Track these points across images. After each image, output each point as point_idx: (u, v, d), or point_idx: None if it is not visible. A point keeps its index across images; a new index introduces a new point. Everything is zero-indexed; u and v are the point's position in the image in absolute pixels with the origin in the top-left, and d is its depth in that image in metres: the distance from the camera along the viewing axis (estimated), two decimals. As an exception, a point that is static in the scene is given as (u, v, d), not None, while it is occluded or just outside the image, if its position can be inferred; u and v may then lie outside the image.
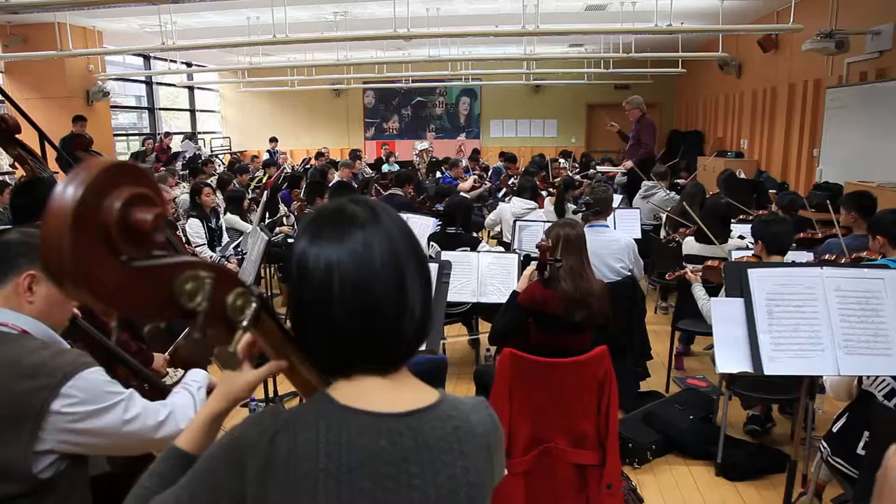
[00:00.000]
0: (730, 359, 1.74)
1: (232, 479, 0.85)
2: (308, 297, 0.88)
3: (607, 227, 3.83)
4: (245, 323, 0.84)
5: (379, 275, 0.87)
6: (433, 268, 2.18)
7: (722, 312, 1.77)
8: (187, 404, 1.58)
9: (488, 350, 3.98)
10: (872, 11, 6.13)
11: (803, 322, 1.75)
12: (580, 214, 4.04)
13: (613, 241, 3.74)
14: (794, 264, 2.28)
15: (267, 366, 0.98)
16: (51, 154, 3.80)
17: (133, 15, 8.38)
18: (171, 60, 11.09)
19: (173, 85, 12.86)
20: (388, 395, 0.91)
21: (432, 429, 0.89)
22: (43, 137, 3.98)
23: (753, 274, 1.77)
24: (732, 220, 4.63)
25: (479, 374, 3.14)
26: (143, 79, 12.21)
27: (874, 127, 6.07)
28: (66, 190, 0.66)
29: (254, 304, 0.85)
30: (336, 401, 0.88)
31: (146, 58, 12.02)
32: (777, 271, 1.79)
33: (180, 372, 2.42)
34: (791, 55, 7.83)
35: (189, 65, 12.99)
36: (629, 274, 3.73)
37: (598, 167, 8.91)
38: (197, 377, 1.67)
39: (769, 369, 1.74)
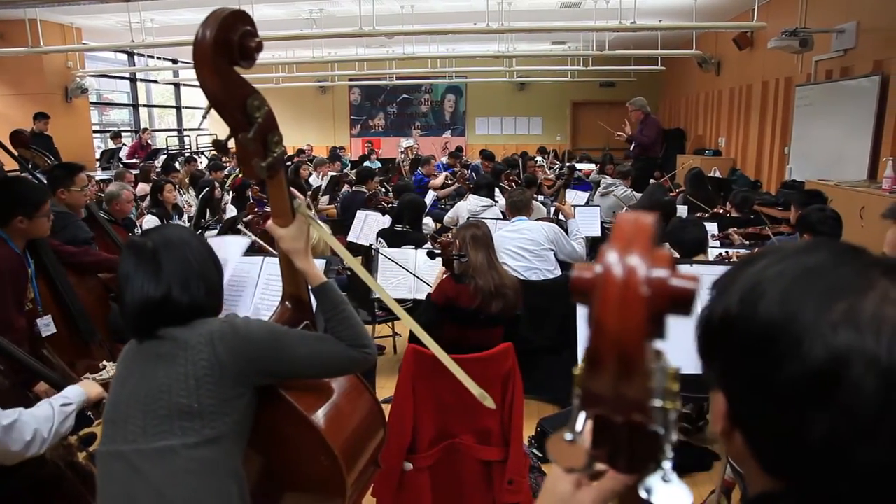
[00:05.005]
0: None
1: None
2: None
3: (524, 218, 4.11)
4: (276, 155, 1.29)
5: (123, 275, 1.40)
6: (320, 263, 2.20)
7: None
8: (44, 417, 1.63)
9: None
10: (839, 10, 6.13)
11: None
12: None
13: (526, 230, 3.97)
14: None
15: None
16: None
17: (110, 12, 8.41)
18: (150, 56, 11.11)
19: (155, 81, 12.89)
20: None
21: (185, 335, 1.36)
22: (-12, 134, 4.00)
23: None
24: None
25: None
26: (126, 75, 12.23)
27: (839, 125, 6.07)
28: (206, 32, 1.11)
29: (283, 149, 1.32)
30: None
31: (130, 54, 12.05)
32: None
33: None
34: (765, 53, 7.83)
35: (175, 62, 13.02)
36: (557, 271, 3.80)
37: (576, 164, 8.92)
38: (70, 394, 1.75)
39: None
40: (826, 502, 0.58)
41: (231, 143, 1.28)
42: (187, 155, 10.61)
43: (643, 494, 0.54)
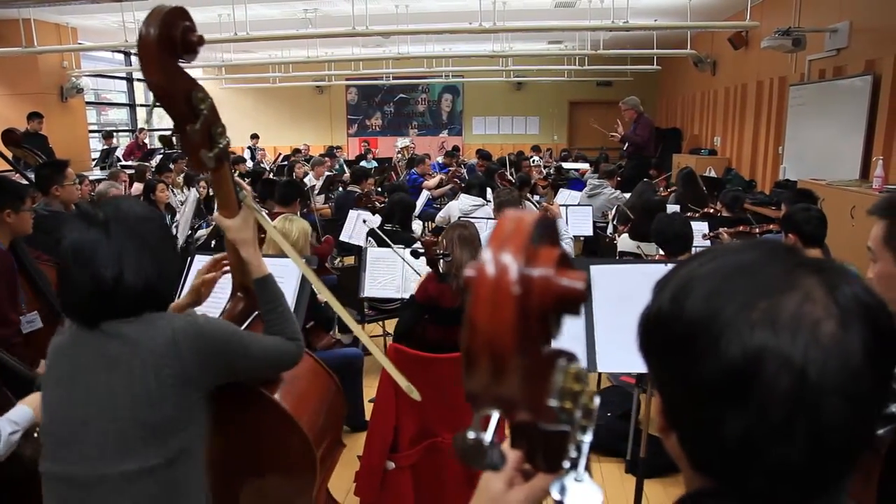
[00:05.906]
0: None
1: None
2: None
3: None
4: (221, 146, 1.29)
5: (68, 249, 1.27)
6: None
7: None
8: None
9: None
10: (832, 9, 6.13)
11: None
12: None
13: None
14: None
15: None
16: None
17: (104, 12, 8.40)
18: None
19: (152, 81, 12.86)
20: None
21: (139, 334, 1.26)
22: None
23: (595, 270, 1.78)
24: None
25: (388, 370, 3.17)
26: (122, 75, 12.23)
27: (832, 125, 6.06)
28: (149, 30, 1.14)
29: (227, 140, 1.31)
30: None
31: (126, 54, 12.05)
32: (620, 268, 1.80)
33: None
34: (759, 53, 7.82)
35: (172, 61, 12.97)
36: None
37: (562, 165, 8.93)
38: (16, 416, 1.60)
39: (602, 366, 1.75)
40: (747, 500, 0.58)
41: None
42: (174, 154, 10.58)
43: (556, 495, 0.54)
